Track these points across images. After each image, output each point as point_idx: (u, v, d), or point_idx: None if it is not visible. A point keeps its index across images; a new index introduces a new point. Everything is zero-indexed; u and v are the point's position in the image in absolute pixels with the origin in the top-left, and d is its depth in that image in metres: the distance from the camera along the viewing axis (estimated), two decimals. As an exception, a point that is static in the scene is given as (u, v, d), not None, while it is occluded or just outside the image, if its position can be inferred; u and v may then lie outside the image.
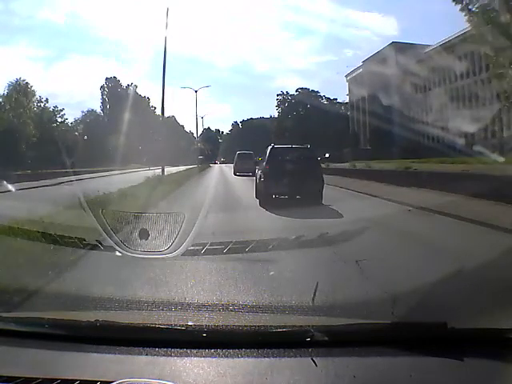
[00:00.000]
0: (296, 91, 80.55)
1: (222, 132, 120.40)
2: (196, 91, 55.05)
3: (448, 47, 53.09)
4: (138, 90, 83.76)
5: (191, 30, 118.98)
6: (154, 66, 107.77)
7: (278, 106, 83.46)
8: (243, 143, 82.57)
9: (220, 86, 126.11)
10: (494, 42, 18.80)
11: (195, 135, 78.63)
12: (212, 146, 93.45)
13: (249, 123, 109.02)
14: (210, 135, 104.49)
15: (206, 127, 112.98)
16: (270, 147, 15.03)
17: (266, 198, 13.30)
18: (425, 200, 12.93)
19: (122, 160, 51.24)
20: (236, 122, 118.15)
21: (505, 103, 24.33)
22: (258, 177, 15.44)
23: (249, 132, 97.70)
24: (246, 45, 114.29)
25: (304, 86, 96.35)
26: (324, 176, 14.58)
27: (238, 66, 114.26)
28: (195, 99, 56.47)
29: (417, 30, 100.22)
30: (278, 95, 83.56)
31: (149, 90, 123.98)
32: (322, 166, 16.98)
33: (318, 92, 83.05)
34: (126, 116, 64.67)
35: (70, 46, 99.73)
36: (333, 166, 34.80)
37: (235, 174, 33.37)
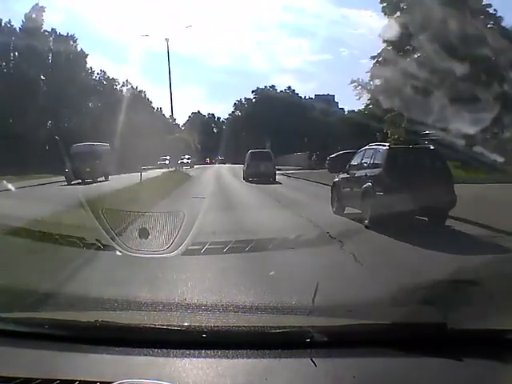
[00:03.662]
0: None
1: (219, 118, 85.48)
2: (167, 39, 37.72)
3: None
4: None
5: (185, 30, 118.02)
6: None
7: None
8: (255, 135, 57.99)
9: (215, 86, 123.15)
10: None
11: (180, 122, 54.40)
12: (204, 138, 66.54)
13: (264, 96, 69.38)
14: (200, 122, 74.64)
15: (196, 110, 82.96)
16: (382, 148, 11.17)
17: (382, 219, 9.38)
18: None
19: None
20: (240, 100, 78.82)
21: None
22: (346, 187, 11.77)
23: (263, 115, 64.00)
24: (240, 44, 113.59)
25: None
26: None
27: (232, 65, 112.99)
28: (167, 50, 36.33)
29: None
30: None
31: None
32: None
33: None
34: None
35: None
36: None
37: (247, 180, 25.73)
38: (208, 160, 65.46)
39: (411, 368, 2.00)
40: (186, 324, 2.44)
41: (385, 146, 11.24)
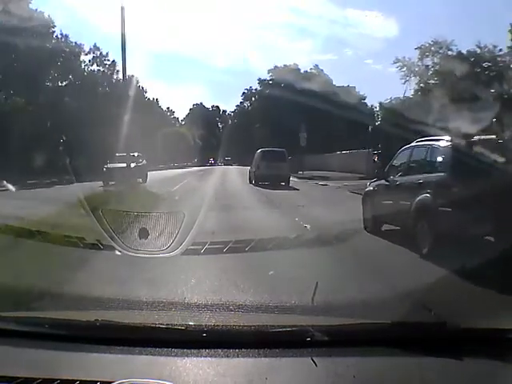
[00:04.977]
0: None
1: (225, 112, 74.07)
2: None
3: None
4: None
5: (188, 29, 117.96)
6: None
7: None
8: (270, 128, 47.69)
9: (216, 86, 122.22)
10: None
11: (176, 114, 44.73)
12: (206, 132, 59.27)
13: (284, 75, 48.58)
14: (202, 116, 65.71)
15: (198, 102, 72.09)
16: (441, 143, 7.85)
17: (448, 245, 6.39)
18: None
19: None
20: (250, 88, 64.75)
21: None
22: (387, 199, 8.94)
23: (282, 101, 45.81)
24: (243, 44, 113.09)
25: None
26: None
27: (236, 66, 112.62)
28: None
29: (417, 30, 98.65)
30: None
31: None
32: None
33: None
34: None
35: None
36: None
37: (255, 184, 22.89)
38: (212, 160, 59.27)
39: (411, 367, 2.00)
40: (186, 323, 2.44)
41: (444, 140, 7.93)
